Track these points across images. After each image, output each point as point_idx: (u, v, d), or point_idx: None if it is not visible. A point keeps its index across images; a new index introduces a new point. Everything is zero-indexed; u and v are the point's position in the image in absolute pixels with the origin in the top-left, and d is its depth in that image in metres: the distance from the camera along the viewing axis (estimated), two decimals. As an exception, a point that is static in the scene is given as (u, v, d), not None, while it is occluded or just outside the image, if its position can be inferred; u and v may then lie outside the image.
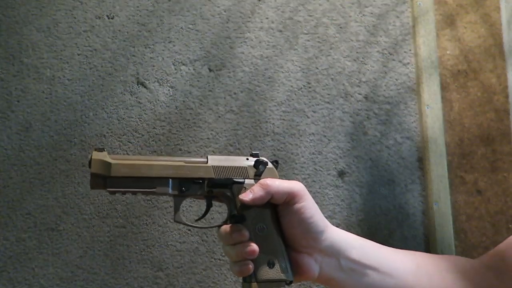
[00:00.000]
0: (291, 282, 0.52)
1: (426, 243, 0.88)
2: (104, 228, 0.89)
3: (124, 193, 0.52)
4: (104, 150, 0.52)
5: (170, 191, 0.52)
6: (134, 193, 0.52)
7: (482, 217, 0.89)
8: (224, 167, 0.53)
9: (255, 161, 0.54)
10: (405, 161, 0.91)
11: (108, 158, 0.51)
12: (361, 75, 0.92)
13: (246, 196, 0.51)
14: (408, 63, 0.92)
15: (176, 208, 0.53)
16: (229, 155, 0.90)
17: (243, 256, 0.50)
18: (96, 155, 0.51)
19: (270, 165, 0.54)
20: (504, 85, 0.91)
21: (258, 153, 0.55)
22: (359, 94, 0.92)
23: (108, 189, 0.51)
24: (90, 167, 0.51)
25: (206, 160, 0.53)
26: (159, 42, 0.94)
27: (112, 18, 0.95)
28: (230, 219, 0.53)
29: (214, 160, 0.53)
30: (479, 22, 0.92)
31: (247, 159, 0.54)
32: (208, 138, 0.91)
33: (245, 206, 0.52)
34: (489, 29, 0.92)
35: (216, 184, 0.53)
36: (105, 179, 0.50)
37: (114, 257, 0.89)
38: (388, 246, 0.55)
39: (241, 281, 0.53)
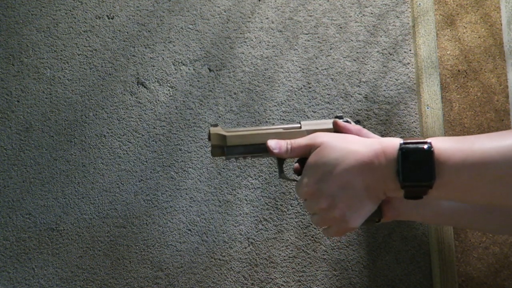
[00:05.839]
0: (379, 220, 0.60)
1: (426, 244, 0.88)
2: (104, 228, 0.89)
3: (237, 158, 0.63)
4: (218, 125, 0.63)
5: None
6: (245, 157, 0.63)
7: (482, 217, 0.89)
8: (314, 130, 0.62)
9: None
10: (405, 161, 0.91)
11: (223, 131, 0.62)
12: (361, 75, 0.92)
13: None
14: (408, 63, 0.92)
15: (280, 168, 0.63)
16: None
17: None
18: (213, 130, 0.62)
19: (353, 124, 0.63)
20: (504, 85, 0.91)
21: (342, 115, 0.64)
22: (359, 94, 0.92)
23: (226, 156, 0.62)
24: (209, 139, 0.62)
25: (300, 125, 0.63)
26: (159, 42, 0.94)
27: (112, 18, 0.95)
28: None
29: (306, 125, 0.63)
30: (479, 22, 0.92)
31: None
32: (208, 138, 0.91)
33: None
34: (489, 29, 0.92)
35: None
36: (222, 148, 0.62)
37: (114, 257, 0.89)
38: (388, 246, 0.55)
39: (241, 281, 0.53)
